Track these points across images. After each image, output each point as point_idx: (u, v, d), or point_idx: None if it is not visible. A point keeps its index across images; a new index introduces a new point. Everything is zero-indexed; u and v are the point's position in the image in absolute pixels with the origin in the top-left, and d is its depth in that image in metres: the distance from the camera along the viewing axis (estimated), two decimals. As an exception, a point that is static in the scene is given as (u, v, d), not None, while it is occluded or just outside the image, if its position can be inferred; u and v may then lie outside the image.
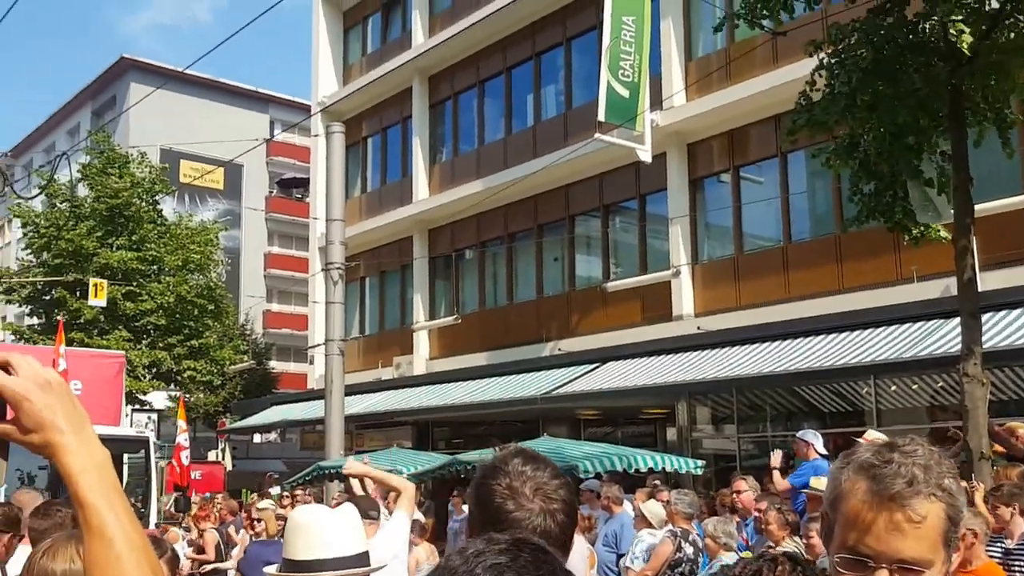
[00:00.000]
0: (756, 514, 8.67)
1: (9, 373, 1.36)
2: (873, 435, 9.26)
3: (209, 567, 11.99)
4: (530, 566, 1.20)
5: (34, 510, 4.99)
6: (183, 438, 14.49)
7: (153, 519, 11.16)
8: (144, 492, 11.41)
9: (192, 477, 18.76)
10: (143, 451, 11.92)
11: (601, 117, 18.03)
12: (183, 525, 14.95)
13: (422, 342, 25.03)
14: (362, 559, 2.84)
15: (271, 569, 2.89)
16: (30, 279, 30.70)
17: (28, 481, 10.98)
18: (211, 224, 33.45)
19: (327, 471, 15.72)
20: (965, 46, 8.90)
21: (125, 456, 11.95)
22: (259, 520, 10.28)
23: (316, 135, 28.01)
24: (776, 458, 9.87)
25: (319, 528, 2.80)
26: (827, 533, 1.70)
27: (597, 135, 18.18)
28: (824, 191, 17.40)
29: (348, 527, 2.87)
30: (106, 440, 5.48)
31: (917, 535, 1.58)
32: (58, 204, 30.02)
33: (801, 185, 17.82)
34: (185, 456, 14.46)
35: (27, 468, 11.43)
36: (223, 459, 29.72)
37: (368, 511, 6.92)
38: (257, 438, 36.85)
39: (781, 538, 7.56)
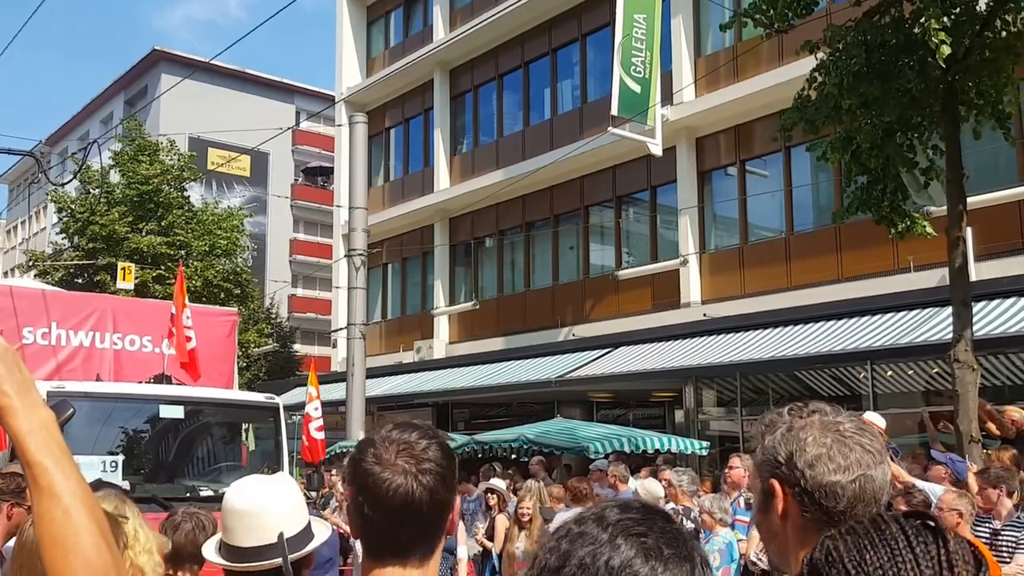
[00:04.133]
0: (748, 494, 9.22)
1: None
2: (870, 417, 9.72)
3: None
4: (667, 532, 1.19)
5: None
6: (313, 407, 11.95)
7: None
8: (275, 467, 9.74)
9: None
10: (271, 420, 10.10)
11: (614, 111, 18.42)
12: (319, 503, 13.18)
13: (442, 327, 25.47)
14: (305, 536, 2.66)
15: (211, 555, 2.69)
16: (63, 262, 31.32)
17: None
18: (237, 211, 33.91)
19: (348, 451, 16.24)
20: (941, 58, 9.21)
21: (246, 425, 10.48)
22: None
23: (340, 125, 28.39)
24: None
25: (259, 512, 2.59)
26: None
27: (610, 129, 18.55)
28: (826, 184, 17.77)
29: (288, 505, 2.66)
30: (232, 406, 7.93)
31: None
32: (92, 190, 30.66)
33: (804, 178, 18.22)
34: (316, 428, 11.93)
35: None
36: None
37: None
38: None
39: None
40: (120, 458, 8.50)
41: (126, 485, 8.11)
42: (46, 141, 49.72)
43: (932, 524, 1.11)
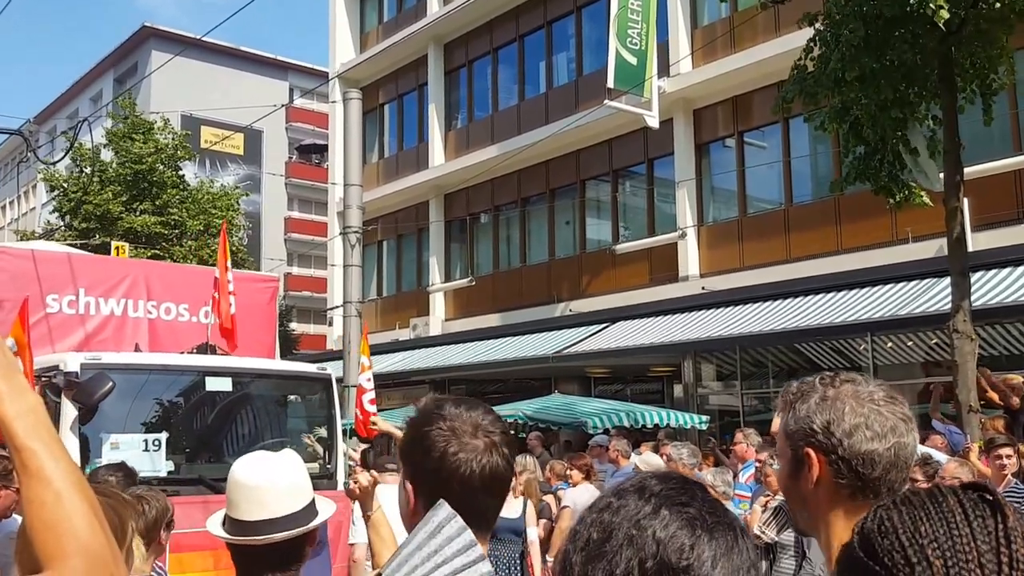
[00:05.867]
0: (756, 464, 9.00)
1: None
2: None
3: None
4: (707, 502, 1.20)
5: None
6: (365, 378, 10.99)
7: (341, 476, 8.84)
8: (328, 443, 9.20)
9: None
10: (323, 393, 9.42)
11: (610, 84, 18.32)
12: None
13: (438, 303, 25.46)
14: (310, 511, 2.69)
15: (215, 529, 2.70)
16: (56, 242, 31.13)
17: None
18: (232, 189, 33.82)
19: (345, 428, 16.27)
20: (942, 21, 9.25)
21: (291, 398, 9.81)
22: None
23: (334, 101, 28.27)
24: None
25: (265, 487, 2.62)
26: None
27: (606, 101, 18.46)
28: (824, 155, 17.72)
29: (293, 480, 2.69)
30: (282, 378, 7.37)
31: None
32: (84, 169, 30.49)
33: (803, 149, 18.15)
34: (369, 401, 10.85)
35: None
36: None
37: (386, 465, 7.14)
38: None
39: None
40: (164, 436, 7.85)
41: (170, 465, 7.78)
42: (34, 119, 49.36)
43: (990, 498, 1.08)
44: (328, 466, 8.82)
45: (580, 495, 9.45)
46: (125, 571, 1.39)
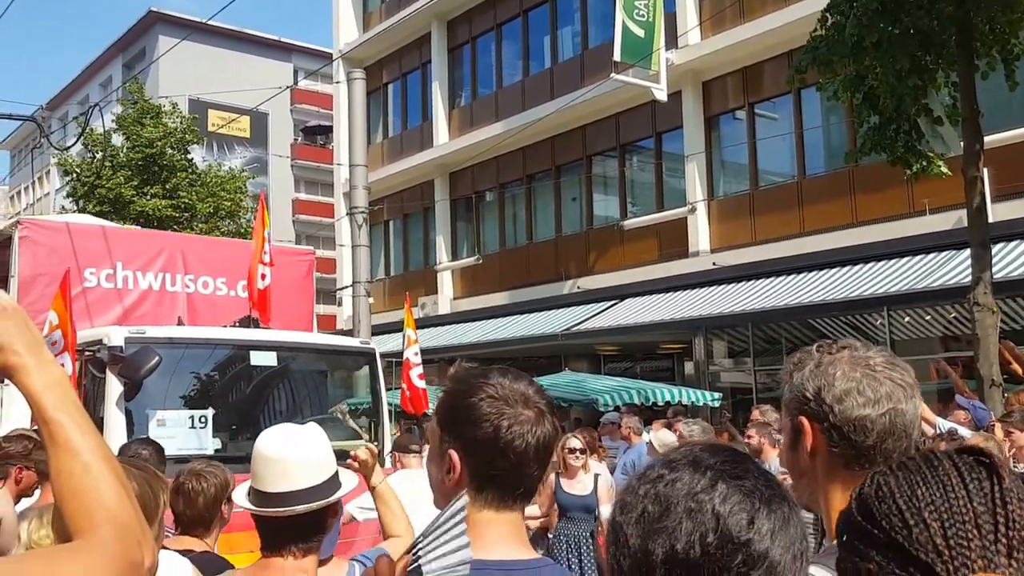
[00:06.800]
0: (747, 440, 8.93)
1: None
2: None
3: None
4: (760, 474, 1.21)
5: (37, 444, 4.95)
6: (412, 352, 10.25)
7: (388, 452, 8.37)
8: (374, 418, 8.98)
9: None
10: (368, 367, 9.08)
11: (617, 57, 18.06)
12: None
13: (446, 282, 25.36)
14: (333, 484, 2.74)
15: (241, 500, 2.78)
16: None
17: None
18: (239, 172, 33.84)
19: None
20: None
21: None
22: None
23: (338, 82, 28.09)
24: None
25: (288, 459, 2.67)
26: None
27: (613, 75, 18.22)
28: (838, 126, 17.37)
29: (317, 453, 2.74)
30: (326, 352, 7.05)
31: None
32: (96, 154, 30.55)
33: (815, 120, 17.80)
34: (417, 376, 10.17)
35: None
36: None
37: (409, 446, 7.03)
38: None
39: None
40: (210, 412, 7.64)
41: (217, 443, 7.55)
42: (46, 106, 49.30)
43: (986, 461, 1.08)
44: (375, 443, 8.49)
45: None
46: (152, 541, 1.36)
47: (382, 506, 3.39)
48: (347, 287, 22.55)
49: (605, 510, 8.19)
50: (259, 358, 8.24)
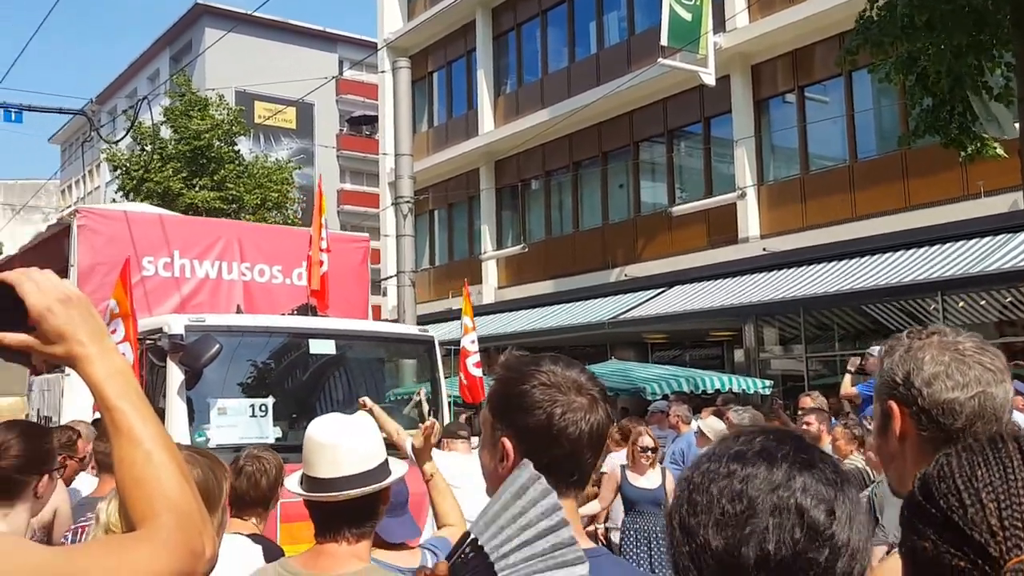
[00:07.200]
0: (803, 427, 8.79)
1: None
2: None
3: None
4: (826, 459, 1.21)
5: (98, 435, 5.08)
6: (469, 340, 10.05)
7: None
8: (434, 405, 8.70)
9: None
10: (426, 355, 8.95)
11: (664, 41, 17.87)
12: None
13: (490, 271, 25.32)
14: (383, 470, 2.79)
15: (294, 486, 2.83)
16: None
17: None
18: (286, 163, 34.07)
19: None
20: None
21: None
22: None
23: (383, 72, 28.14)
24: (853, 363, 9.67)
25: (339, 446, 2.73)
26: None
27: (660, 60, 18.03)
28: (890, 108, 17.05)
29: (366, 441, 2.80)
30: (385, 340, 7.05)
31: None
32: (145, 147, 30.86)
33: (867, 103, 17.48)
34: (473, 364, 9.92)
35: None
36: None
37: (457, 432, 7.04)
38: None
39: (848, 452, 7.68)
40: (270, 401, 7.56)
41: (278, 432, 7.48)
42: (96, 100, 49.98)
43: None
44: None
45: (623, 460, 9.17)
46: (212, 530, 1.39)
47: (437, 495, 3.42)
48: (392, 277, 22.59)
49: None
50: (318, 346, 8.15)
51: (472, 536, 1.40)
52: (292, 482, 2.86)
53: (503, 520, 1.39)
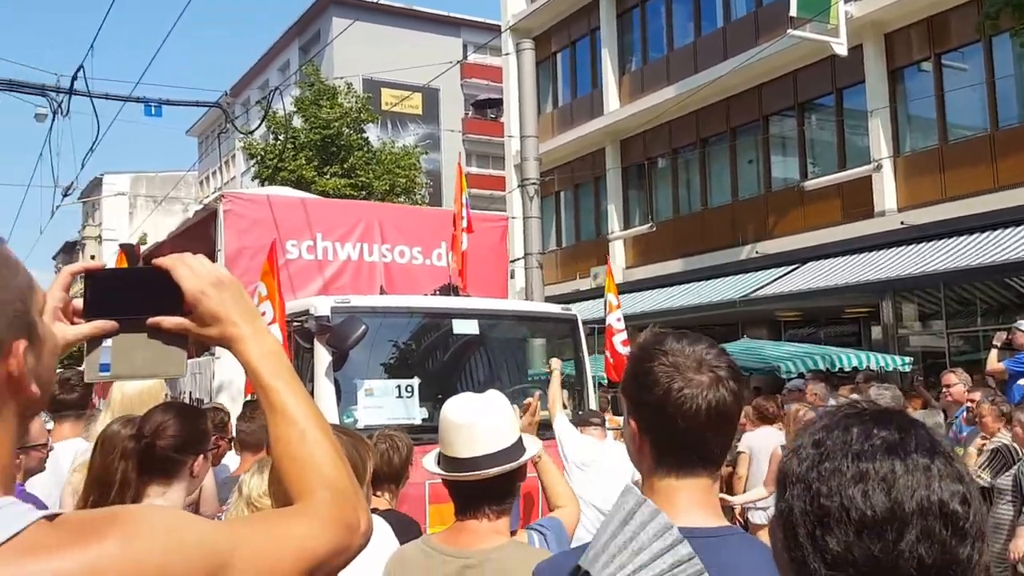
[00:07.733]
0: (968, 404, 8.50)
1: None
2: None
3: None
4: (942, 447, 1.15)
5: (240, 415, 5.24)
6: (615, 318, 9.95)
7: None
8: (577, 386, 8.71)
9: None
10: (571, 334, 8.86)
11: (793, 12, 17.46)
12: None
13: (618, 251, 25.15)
14: (518, 448, 2.82)
15: (431, 466, 2.87)
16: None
17: None
18: (413, 149, 34.55)
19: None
20: None
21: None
22: None
23: (507, 54, 28.26)
24: (999, 337, 9.37)
25: (475, 425, 2.77)
26: None
27: (789, 31, 17.62)
28: (1034, 73, 16.38)
29: (501, 420, 2.83)
30: (528, 319, 7.38)
31: None
32: (279, 136, 31.76)
33: (1007, 69, 16.69)
34: (620, 342, 9.77)
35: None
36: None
37: (590, 419, 7.08)
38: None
39: (996, 430, 7.51)
40: (416, 381, 7.50)
41: (424, 413, 7.42)
42: (230, 92, 51.67)
43: None
44: (579, 412, 8.27)
45: (757, 439, 9.08)
46: (366, 505, 1.43)
47: (546, 477, 3.45)
48: (519, 259, 22.74)
49: None
50: (461, 326, 8.05)
51: (583, 569, 1.39)
52: (430, 461, 2.90)
53: (613, 548, 1.39)
